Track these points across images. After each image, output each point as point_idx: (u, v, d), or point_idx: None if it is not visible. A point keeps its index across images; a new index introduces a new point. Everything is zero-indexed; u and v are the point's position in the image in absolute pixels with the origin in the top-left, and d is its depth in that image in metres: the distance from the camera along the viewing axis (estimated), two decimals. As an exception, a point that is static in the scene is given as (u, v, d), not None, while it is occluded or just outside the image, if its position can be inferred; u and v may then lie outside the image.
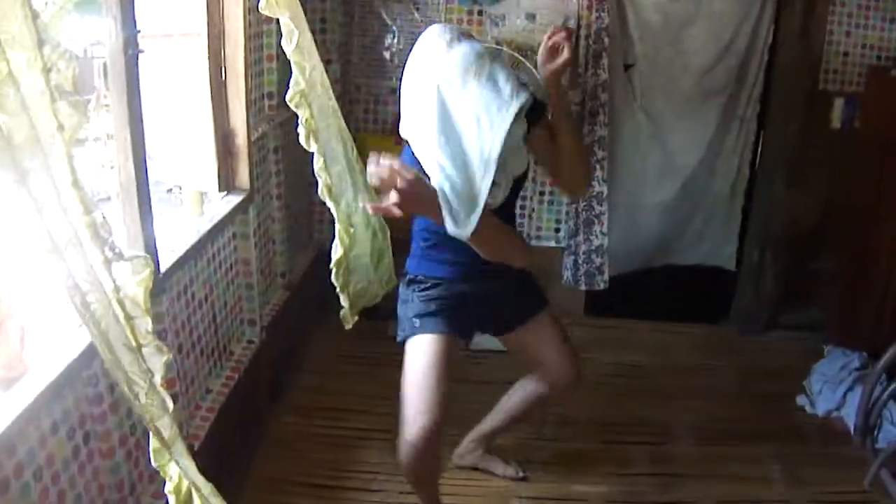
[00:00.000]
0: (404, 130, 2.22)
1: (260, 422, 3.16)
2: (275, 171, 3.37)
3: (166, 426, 1.65)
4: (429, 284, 2.38)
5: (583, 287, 4.25)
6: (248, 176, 2.94)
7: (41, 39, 1.17)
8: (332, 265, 2.87)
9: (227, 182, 2.90)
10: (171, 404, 1.70)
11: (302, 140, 2.70)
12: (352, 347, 3.81)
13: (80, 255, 1.30)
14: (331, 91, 2.82)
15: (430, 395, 2.22)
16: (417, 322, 2.34)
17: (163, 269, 2.20)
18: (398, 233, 4.20)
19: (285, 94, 2.61)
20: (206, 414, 2.60)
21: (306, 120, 2.68)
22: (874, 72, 4.00)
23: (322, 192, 2.80)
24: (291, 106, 2.64)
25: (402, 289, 2.48)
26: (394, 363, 2.75)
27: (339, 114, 2.90)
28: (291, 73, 2.60)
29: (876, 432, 3.17)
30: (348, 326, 2.98)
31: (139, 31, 2.03)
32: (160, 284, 2.18)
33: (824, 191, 4.15)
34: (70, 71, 1.23)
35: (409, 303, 2.40)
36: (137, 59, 2.02)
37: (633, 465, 3.14)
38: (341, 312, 2.95)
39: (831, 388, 3.55)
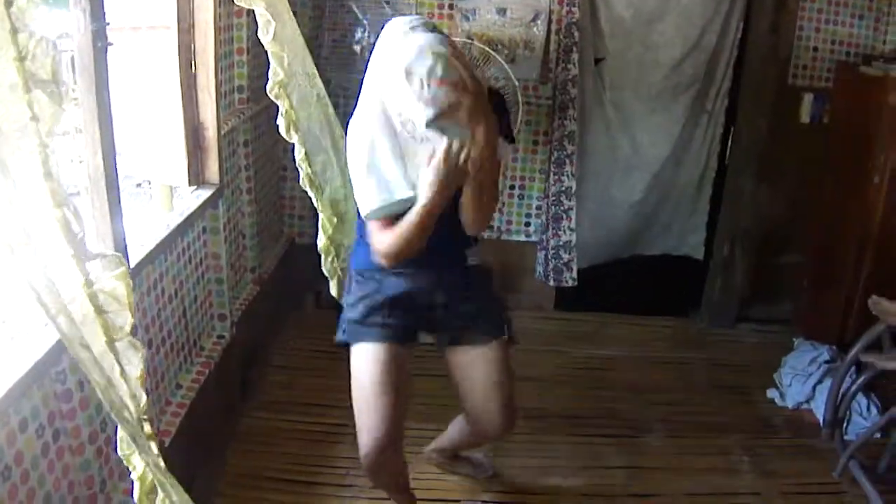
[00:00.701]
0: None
1: (232, 417, 3.14)
2: (244, 165, 3.35)
3: (132, 419, 1.63)
4: (369, 278, 2.26)
5: (552, 283, 4.27)
6: (218, 170, 2.91)
7: (15, 27, 1.15)
8: (319, 251, 2.91)
9: (196, 176, 2.87)
10: (143, 398, 1.69)
11: (282, 131, 2.70)
12: (322, 342, 3.78)
13: (49, 249, 1.28)
14: (317, 79, 2.81)
15: (378, 412, 2.18)
16: (359, 328, 2.25)
17: (132, 264, 2.17)
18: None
19: (259, 86, 2.60)
20: (176, 409, 2.58)
21: (286, 111, 2.67)
22: (843, 67, 4.05)
23: (303, 181, 2.80)
24: (271, 97, 2.64)
25: (346, 286, 2.39)
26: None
27: (326, 100, 2.89)
28: (269, 64, 2.58)
29: (845, 424, 3.23)
30: None
31: (108, 24, 2.01)
32: (130, 279, 2.16)
33: (793, 185, 4.21)
34: (48, 59, 1.20)
35: (351, 303, 2.30)
36: (106, 51, 2.00)
37: (604, 458, 3.16)
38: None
39: (801, 381, 3.60)
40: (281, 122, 2.71)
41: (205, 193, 2.84)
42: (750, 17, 4.06)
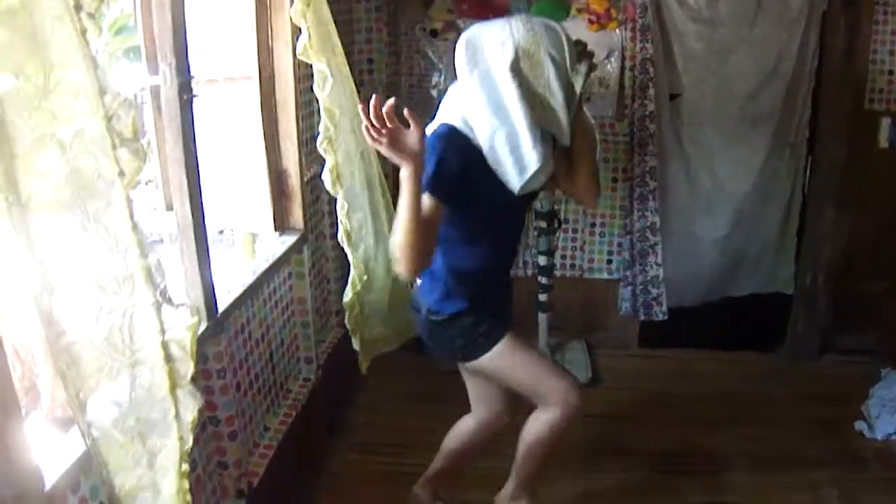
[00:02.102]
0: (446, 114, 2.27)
1: (318, 458, 3.17)
2: (327, 211, 3.41)
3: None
4: (470, 307, 2.36)
5: (641, 317, 4.22)
6: (302, 216, 2.99)
7: (102, 88, 1.22)
8: (344, 307, 3.01)
9: (281, 222, 2.95)
10: (190, 440, 1.72)
11: (328, 184, 2.76)
12: (405, 384, 3.82)
13: (133, 297, 1.33)
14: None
15: (551, 369, 2.45)
16: (484, 340, 2.36)
17: (220, 309, 2.24)
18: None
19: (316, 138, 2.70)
20: (264, 451, 2.62)
21: (332, 166, 2.75)
22: (919, 89, 3.92)
23: (341, 237, 2.87)
24: (320, 150, 2.72)
25: (436, 329, 2.41)
26: (446, 398, 2.76)
27: (372, 159, 2.96)
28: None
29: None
30: (363, 370, 3.14)
31: (192, 77, 2.09)
32: (218, 324, 2.22)
33: (875, 211, 4.08)
34: (130, 118, 1.27)
35: (460, 331, 2.37)
36: (192, 103, 2.08)
37: (690, 494, 3.08)
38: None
39: (890, 412, 3.46)
40: (327, 176, 2.79)
41: (290, 239, 2.91)
42: (823, 42, 3.97)
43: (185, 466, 1.72)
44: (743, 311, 4.40)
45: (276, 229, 2.92)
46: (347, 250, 2.94)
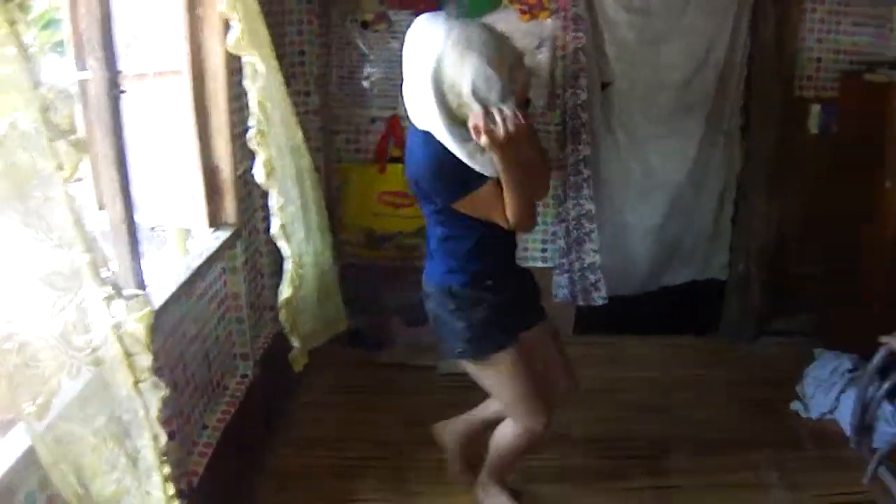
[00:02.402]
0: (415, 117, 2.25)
1: (258, 455, 3.15)
2: (260, 206, 3.38)
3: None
4: (482, 293, 2.40)
5: (580, 303, 4.27)
6: (235, 211, 2.95)
7: (36, 80, 1.19)
8: (279, 305, 2.96)
9: (214, 218, 2.91)
10: (163, 437, 1.71)
11: (260, 179, 2.74)
12: (344, 377, 3.82)
13: (83, 291, 1.31)
14: (295, 129, 2.85)
15: (536, 400, 2.50)
16: (485, 342, 2.42)
17: (155, 306, 2.20)
18: (387, 260, 4.25)
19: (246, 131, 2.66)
20: (203, 450, 2.59)
21: (265, 160, 2.72)
22: (848, 76, 4.06)
23: (276, 232, 2.85)
24: (251, 146, 2.68)
25: (445, 304, 2.44)
26: (384, 390, 2.79)
27: (304, 151, 2.94)
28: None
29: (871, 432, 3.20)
30: (298, 369, 3.07)
31: (120, 72, 2.05)
32: (153, 322, 2.18)
33: (807, 197, 4.19)
34: (68, 110, 1.25)
35: (465, 318, 2.41)
36: (120, 99, 2.04)
37: (630, 479, 3.14)
38: (290, 354, 3.05)
39: (824, 392, 3.58)
40: (260, 170, 2.75)
41: (223, 234, 2.88)
42: (754, 31, 4.05)
43: (167, 469, 1.70)
44: (678, 299, 4.49)
45: (209, 225, 2.88)
46: (283, 245, 2.92)
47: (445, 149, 2.14)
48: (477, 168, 2.15)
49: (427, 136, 2.18)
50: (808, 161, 4.14)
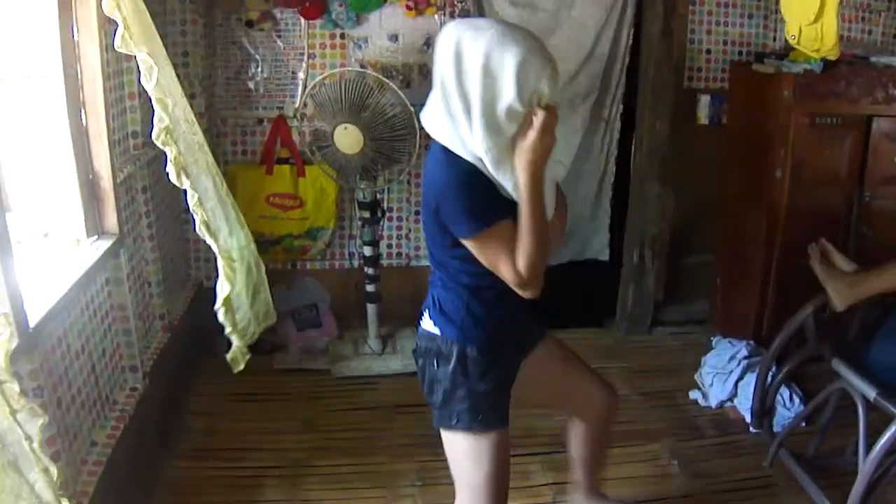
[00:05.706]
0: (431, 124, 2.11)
1: (152, 469, 3.05)
2: (145, 212, 3.27)
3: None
4: (493, 361, 2.15)
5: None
6: (117, 219, 2.84)
7: None
8: (219, 305, 2.80)
9: (95, 227, 2.80)
10: (54, 470, 1.63)
11: (173, 178, 2.62)
12: (238, 385, 3.72)
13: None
14: (196, 126, 2.76)
15: (499, 494, 2.20)
16: (481, 416, 2.13)
17: (32, 323, 2.10)
18: (276, 263, 4.18)
19: (150, 132, 2.54)
20: (93, 468, 2.49)
21: (175, 157, 2.61)
22: (736, 67, 4.16)
23: (200, 228, 2.73)
24: (158, 144, 2.57)
25: (448, 363, 2.13)
26: (280, 397, 2.70)
27: (207, 148, 2.84)
28: (153, 110, 2.53)
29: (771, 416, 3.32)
30: (239, 368, 2.91)
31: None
32: (31, 340, 2.08)
33: (698, 186, 4.29)
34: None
35: (466, 386, 2.12)
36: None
37: (531, 476, 3.14)
38: (229, 355, 2.89)
39: (722, 379, 3.65)
40: (171, 168, 2.64)
41: (104, 244, 2.76)
42: (642, 23, 4.14)
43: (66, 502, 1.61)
44: (566, 289, 4.49)
45: (89, 234, 2.77)
46: (210, 241, 2.78)
47: (473, 167, 1.96)
48: (498, 178, 1.97)
49: (452, 155, 1.99)
50: (698, 150, 4.25)
